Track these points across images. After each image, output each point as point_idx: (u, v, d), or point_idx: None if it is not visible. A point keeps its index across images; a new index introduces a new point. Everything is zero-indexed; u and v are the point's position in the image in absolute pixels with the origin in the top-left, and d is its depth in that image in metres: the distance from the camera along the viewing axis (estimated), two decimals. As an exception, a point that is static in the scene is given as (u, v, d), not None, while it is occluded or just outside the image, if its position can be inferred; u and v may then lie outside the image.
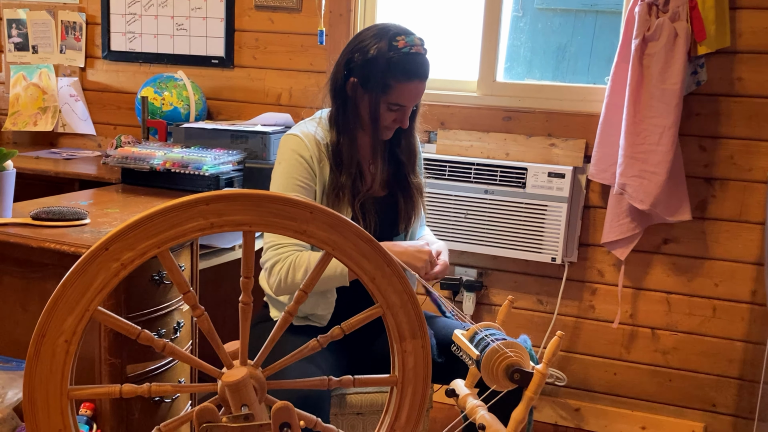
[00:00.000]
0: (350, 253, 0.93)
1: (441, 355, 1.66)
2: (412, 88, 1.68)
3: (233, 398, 0.99)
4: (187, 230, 0.86)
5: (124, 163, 2.24)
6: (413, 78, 1.67)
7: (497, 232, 2.53)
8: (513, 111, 2.57)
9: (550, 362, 1.18)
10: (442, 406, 2.64)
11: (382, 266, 0.94)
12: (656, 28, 2.22)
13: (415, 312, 0.97)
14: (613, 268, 2.54)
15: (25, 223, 1.69)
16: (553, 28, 2.69)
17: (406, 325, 0.97)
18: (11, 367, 1.50)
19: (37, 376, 0.89)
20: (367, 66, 1.66)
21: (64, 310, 0.87)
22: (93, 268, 0.86)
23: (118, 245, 0.86)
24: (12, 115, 3.14)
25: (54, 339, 0.88)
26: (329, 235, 0.91)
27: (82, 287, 0.87)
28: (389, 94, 1.67)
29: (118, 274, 0.87)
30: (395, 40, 1.66)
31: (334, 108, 1.74)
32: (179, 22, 2.92)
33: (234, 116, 2.90)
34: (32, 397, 0.90)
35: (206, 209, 0.86)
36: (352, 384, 1.01)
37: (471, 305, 2.66)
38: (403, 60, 1.65)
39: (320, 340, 1.01)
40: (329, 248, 0.92)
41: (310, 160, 1.69)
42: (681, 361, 2.53)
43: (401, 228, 1.83)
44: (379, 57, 1.65)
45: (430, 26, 2.79)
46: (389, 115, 1.71)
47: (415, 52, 1.67)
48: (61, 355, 0.89)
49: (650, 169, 2.27)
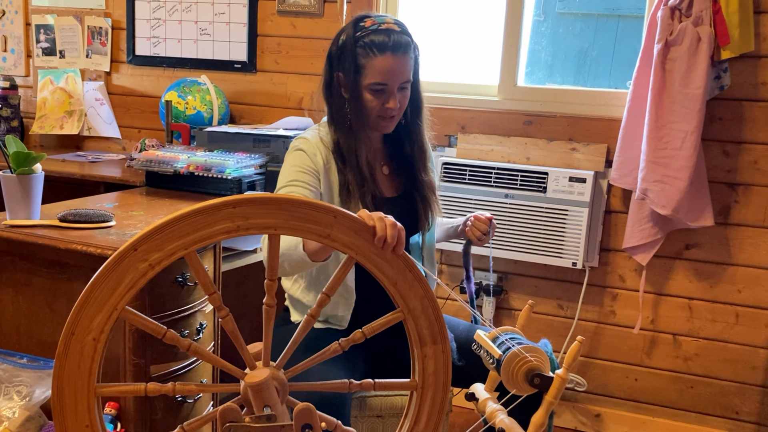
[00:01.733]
0: (372, 257, 0.94)
1: (461, 358, 1.67)
2: (384, 63, 1.63)
3: (256, 399, 1.00)
4: (215, 232, 0.88)
5: (149, 166, 2.28)
6: (384, 51, 1.62)
7: (518, 236, 2.53)
8: (534, 115, 2.57)
9: (570, 367, 1.18)
10: (462, 410, 2.64)
11: (404, 271, 0.95)
12: (679, 32, 2.21)
13: (436, 317, 0.98)
14: (634, 274, 2.53)
15: (52, 224, 1.72)
16: (574, 32, 2.69)
17: (426, 330, 0.98)
18: (39, 366, 1.53)
19: (65, 373, 0.92)
20: (342, 53, 1.66)
21: (93, 308, 0.89)
22: (122, 268, 0.88)
23: (146, 246, 0.88)
24: (39, 118, 3.20)
25: (83, 337, 0.90)
26: (352, 239, 0.92)
27: (111, 287, 0.89)
28: (364, 74, 1.64)
29: (146, 274, 0.89)
30: (362, 21, 1.65)
31: (328, 108, 1.74)
32: (203, 27, 2.95)
33: (256, 120, 2.93)
34: (60, 393, 0.93)
35: (233, 212, 0.88)
36: (372, 388, 1.02)
37: (491, 309, 2.66)
38: (370, 37, 1.63)
39: (342, 344, 1.02)
40: (353, 252, 0.93)
41: (312, 154, 1.68)
42: (703, 368, 2.51)
43: (419, 228, 1.81)
44: (347, 40, 1.65)
45: (451, 30, 2.80)
46: (374, 99, 1.66)
47: (385, 28, 1.64)
48: (89, 352, 0.91)
49: (672, 174, 2.26)
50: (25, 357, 1.55)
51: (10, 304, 1.71)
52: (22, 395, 1.49)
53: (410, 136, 1.78)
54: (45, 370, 1.52)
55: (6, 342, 1.71)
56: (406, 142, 1.79)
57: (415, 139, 1.79)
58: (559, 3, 2.73)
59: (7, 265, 1.70)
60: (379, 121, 1.70)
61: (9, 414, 1.46)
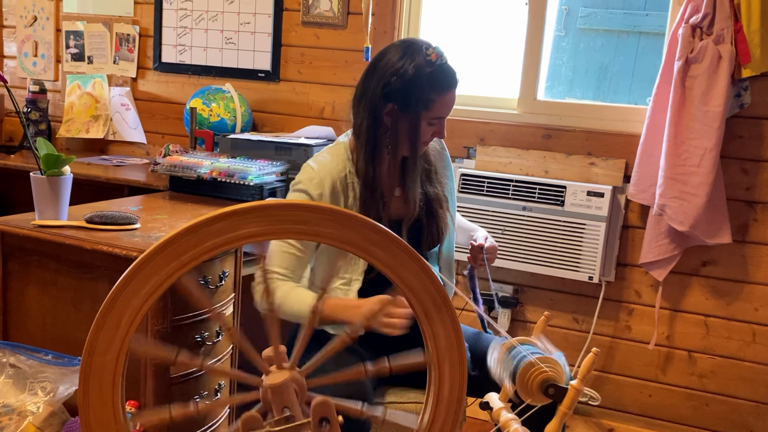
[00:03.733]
0: (364, 246, 0.95)
1: (475, 368, 1.68)
2: (450, 98, 1.69)
3: (275, 401, 1.03)
4: (205, 249, 0.90)
5: (173, 171, 2.32)
6: (452, 87, 1.68)
7: (534, 249, 2.54)
8: (553, 129, 2.58)
9: (585, 378, 1.20)
10: (475, 422, 2.65)
11: (398, 254, 0.96)
12: (700, 50, 2.22)
13: (436, 288, 0.98)
14: (650, 289, 2.53)
15: (79, 225, 1.76)
16: (595, 48, 2.71)
17: (429, 302, 0.98)
18: (63, 363, 1.57)
19: (92, 368, 0.94)
20: (408, 86, 1.64)
21: (129, 295, 0.90)
22: (160, 259, 0.89)
23: (180, 244, 0.90)
24: (66, 122, 3.26)
25: (114, 327, 0.91)
26: (340, 232, 0.94)
27: (141, 283, 0.91)
28: (431, 109, 1.66)
29: (175, 273, 0.91)
30: (427, 54, 1.66)
31: (366, 136, 1.70)
32: (228, 36, 3.01)
33: (278, 128, 2.97)
34: (86, 389, 0.95)
35: (221, 227, 0.90)
36: (388, 371, 1.03)
37: (506, 321, 2.67)
38: (440, 72, 1.65)
39: (348, 332, 1.03)
40: (342, 245, 0.95)
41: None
42: (718, 386, 2.50)
43: (425, 247, 1.81)
44: (419, 75, 1.64)
45: (472, 43, 2.83)
46: (429, 130, 1.70)
47: (445, 62, 1.68)
48: (116, 350, 0.93)
49: (690, 191, 2.26)
50: (50, 354, 1.59)
51: (37, 302, 1.76)
52: (47, 391, 1.53)
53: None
54: (69, 367, 1.56)
55: (32, 338, 1.75)
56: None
57: (423, 153, 1.81)
58: (581, 19, 2.75)
59: (35, 264, 1.75)
60: (423, 146, 1.75)
61: (33, 409, 1.50)
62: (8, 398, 1.52)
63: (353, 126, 1.75)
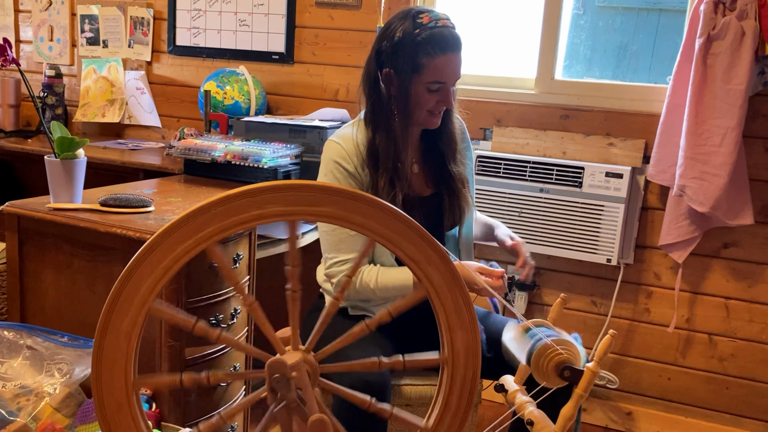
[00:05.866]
0: (390, 236, 0.94)
1: (490, 350, 1.67)
2: (446, 61, 1.64)
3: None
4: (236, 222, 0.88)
5: (187, 154, 2.32)
6: (446, 51, 1.63)
7: (552, 231, 2.51)
8: (571, 109, 2.54)
9: (601, 360, 1.18)
10: (491, 404, 2.64)
11: (425, 250, 0.95)
12: (722, 26, 2.17)
13: (463, 298, 0.98)
14: (670, 271, 2.49)
15: (93, 208, 1.77)
16: (614, 26, 2.65)
17: (451, 304, 0.97)
18: (78, 344, 1.57)
19: (105, 350, 0.94)
20: (397, 50, 1.63)
21: (146, 270, 0.89)
22: (177, 235, 0.88)
23: (202, 219, 0.88)
24: (82, 106, 3.27)
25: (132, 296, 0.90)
26: (367, 220, 0.92)
27: (161, 255, 0.89)
28: (424, 73, 1.63)
29: (195, 248, 0.89)
30: (419, 17, 1.63)
31: (369, 104, 1.71)
32: (242, 18, 2.99)
33: (292, 111, 2.96)
34: (99, 371, 0.95)
35: (253, 201, 0.88)
36: (402, 366, 1.02)
37: (523, 304, 2.65)
38: (430, 35, 1.62)
39: (368, 323, 1.02)
40: (369, 233, 0.93)
41: (355, 172, 1.68)
42: (739, 369, 2.46)
43: (447, 226, 1.80)
44: (405, 37, 1.62)
45: (488, 23, 2.79)
46: (431, 97, 1.67)
47: (442, 25, 1.64)
48: (129, 329, 0.92)
49: (711, 171, 2.22)
50: (65, 336, 1.59)
51: (52, 284, 1.77)
52: (63, 372, 1.53)
53: (442, 129, 1.78)
54: (84, 349, 1.56)
55: (48, 321, 1.77)
56: (437, 135, 1.79)
57: (443, 131, 1.78)
58: (600, -4, 2.69)
59: (50, 246, 1.75)
60: (429, 117, 1.71)
61: (50, 390, 1.50)
62: (26, 379, 1.53)
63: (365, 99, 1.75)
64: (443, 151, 1.79)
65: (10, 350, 1.56)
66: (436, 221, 1.78)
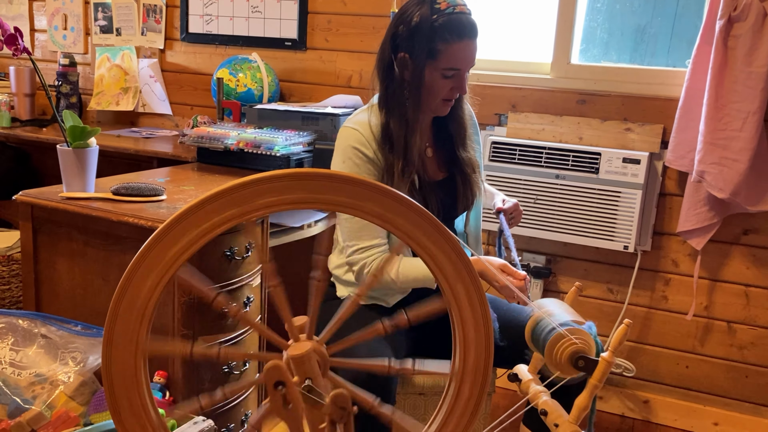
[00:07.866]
0: (416, 236, 0.92)
1: (504, 339, 1.65)
2: (462, 48, 1.63)
3: (298, 371, 1.01)
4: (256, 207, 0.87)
5: (200, 142, 2.31)
6: (463, 37, 1.62)
7: (568, 218, 2.48)
8: (588, 94, 2.50)
9: (616, 350, 1.16)
10: (506, 392, 2.62)
11: (450, 254, 0.93)
12: (743, 7, 2.12)
13: (480, 302, 0.96)
14: (688, 258, 2.46)
15: (106, 197, 1.77)
16: (632, 8, 2.60)
17: (469, 315, 0.96)
18: (92, 333, 1.58)
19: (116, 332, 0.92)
20: (414, 35, 1.62)
21: (160, 251, 0.87)
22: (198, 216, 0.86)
23: (219, 203, 0.86)
24: (96, 95, 3.28)
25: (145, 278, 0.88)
26: (384, 211, 0.90)
27: (177, 238, 0.87)
28: (439, 59, 1.62)
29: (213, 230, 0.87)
30: (436, 3, 1.61)
31: (383, 88, 1.70)
32: (254, 4, 2.97)
33: (305, 98, 2.94)
34: (109, 354, 0.94)
35: (272, 187, 0.87)
36: (412, 373, 1.01)
37: (538, 292, 2.63)
38: (447, 21, 1.61)
39: (385, 326, 1.01)
40: (389, 227, 0.91)
41: (374, 157, 1.67)
42: (759, 357, 2.43)
43: (460, 209, 1.81)
44: (423, 22, 1.61)
45: (504, 6, 2.74)
46: (445, 83, 1.66)
47: (459, 11, 1.62)
48: (141, 307, 0.90)
49: (731, 157, 2.18)
50: (79, 324, 1.60)
51: (66, 273, 1.77)
52: (77, 361, 1.54)
53: (452, 114, 1.77)
54: (98, 338, 1.57)
55: (62, 309, 1.78)
56: (449, 121, 1.78)
57: (454, 116, 1.78)
58: (617, -22, 2.64)
59: (64, 235, 1.76)
60: (442, 104, 1.70)
61: (64, 378, 1.51)
62: (40, 368, 1.54)
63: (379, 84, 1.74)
64: (453, 136, 1.79)
65: (25, 339, 1.57)
66: (450, 205, 1.78)
